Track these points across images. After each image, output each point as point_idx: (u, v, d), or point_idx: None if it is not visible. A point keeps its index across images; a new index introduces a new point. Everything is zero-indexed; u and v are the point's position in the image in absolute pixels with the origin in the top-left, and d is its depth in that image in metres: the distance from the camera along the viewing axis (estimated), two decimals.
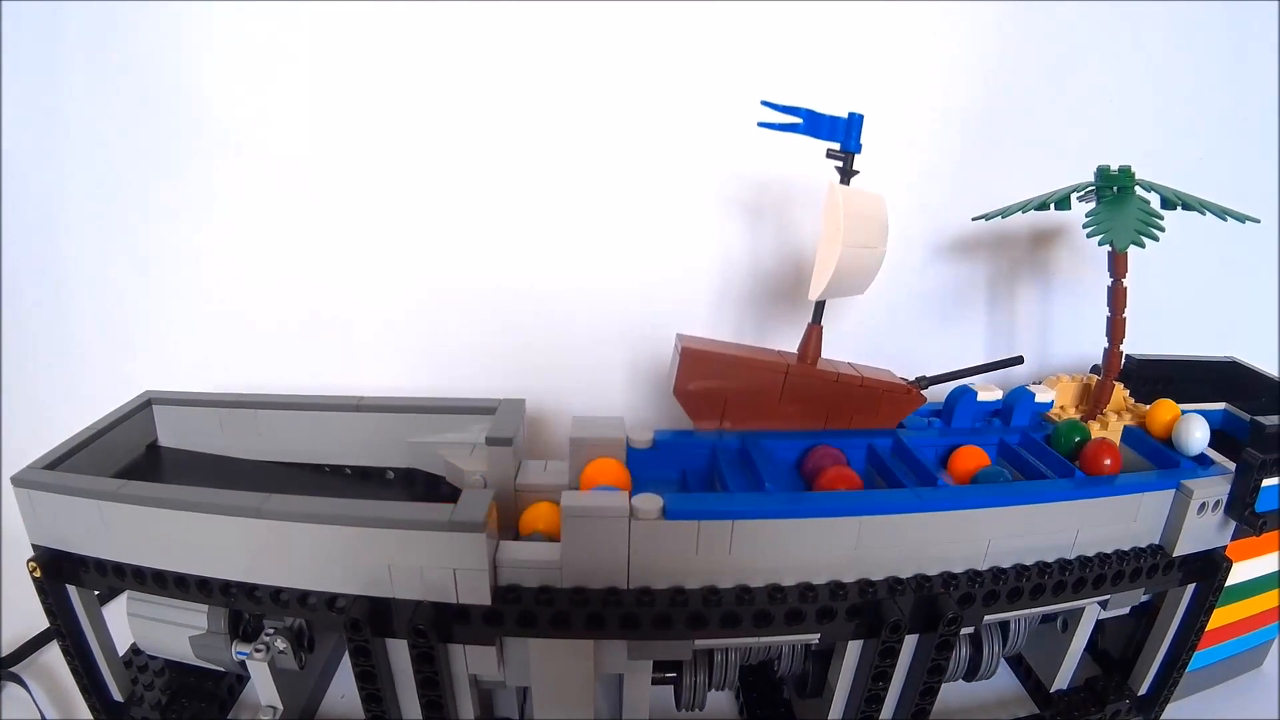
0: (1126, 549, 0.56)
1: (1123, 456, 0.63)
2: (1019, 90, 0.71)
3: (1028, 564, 0.53)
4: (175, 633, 0.54)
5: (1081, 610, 0.59)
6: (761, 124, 0.54)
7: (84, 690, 0.57)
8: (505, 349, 0.75)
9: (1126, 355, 0.71)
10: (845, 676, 0.52)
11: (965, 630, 0.57)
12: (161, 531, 0.49)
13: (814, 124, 0.54)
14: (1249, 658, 0.68)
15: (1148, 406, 0.65)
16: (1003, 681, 0.65)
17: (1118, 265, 0.59)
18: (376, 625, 0.48)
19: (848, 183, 0.56)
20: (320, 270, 0.73)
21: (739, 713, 0.62)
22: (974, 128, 0.72)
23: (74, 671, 0.56)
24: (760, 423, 0.59)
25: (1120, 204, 0.58)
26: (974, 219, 0.64)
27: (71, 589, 0.55)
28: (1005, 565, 0.53)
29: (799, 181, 0.70)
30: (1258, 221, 0.58)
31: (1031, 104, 0.72)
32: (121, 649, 0.59)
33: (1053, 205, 0.61)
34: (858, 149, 0.55)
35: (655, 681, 0.53)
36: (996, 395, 0.64)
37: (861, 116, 0.55)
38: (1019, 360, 0.63)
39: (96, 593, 0.58)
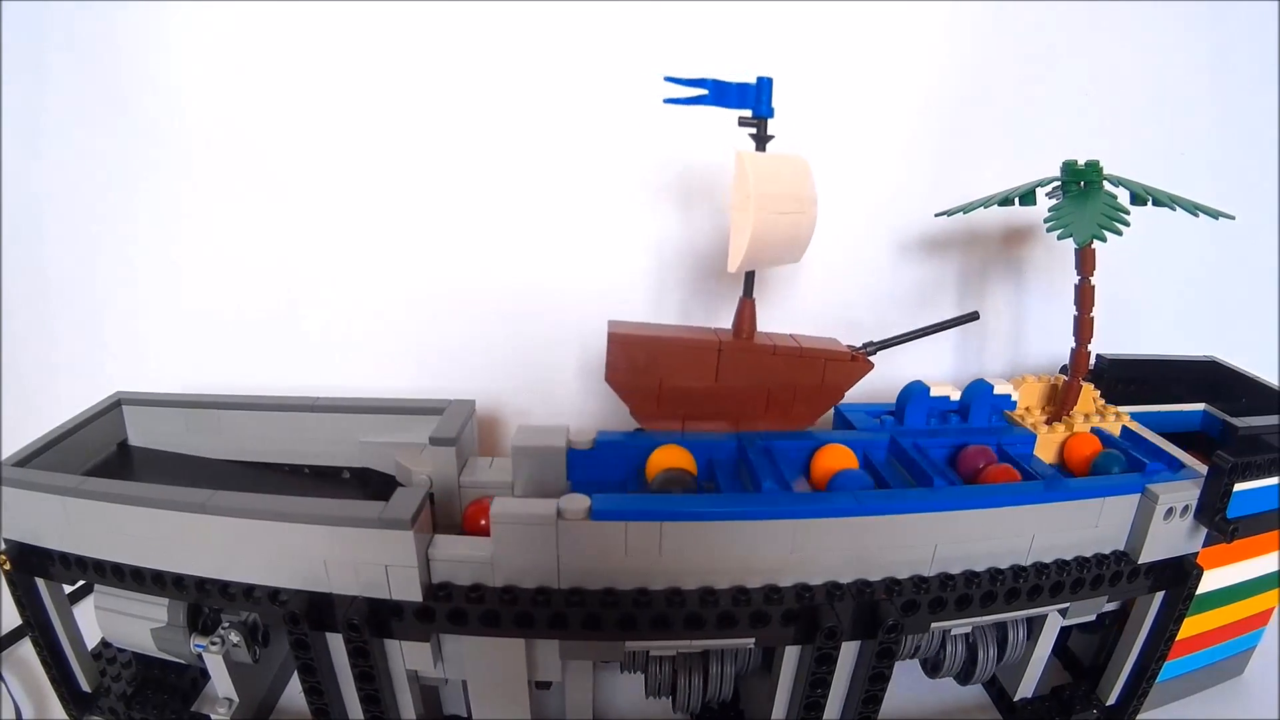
0: (1088, 555, 0.55)
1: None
2: (995, 87, 0.70)
3: (979, 570, 0.52)
4: (138, 625, 0.56)
5: (1045, 617, 0.58)
6: (667, 100, 0.52)
7: (53, 681, 0.59)
8: (480, 349, 0.76)
9: (1098, 355, 0.69)
10: (785, 682, 0.52)
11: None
12: (119, 526, 0.51)
13: (720, 93, 0.52)
14: (1228, 666, 0.66)
15: (1118, 408, 0.63)
16: (967, 688, 0.64)
17: (1085, 262, 0.58)
18: (316, 619, 0.49)
19: (763, 149, 0.54)
20: (304, 271, 0.74)
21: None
22: (948, 124, 0.70)
23: (43, 662, 0.58)
24: (698, 405, 0.58)
25: (1085, 199, 0.56)
26: (937, 215, 0.63)
27: (40, 582, 0.57)
28: (955, 571, 0.52)
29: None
30: (1231, 218, 0.56)
31: (1008, 102, 0.70)
32: (94, 644, 0.61)
33: (1017, 200, 0.59)
34: (770, 113, 0.53)
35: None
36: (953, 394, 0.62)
37: (771, 80, 0.52)
38: (974, 316, 0.61)
39: (69, 590, 0.60)
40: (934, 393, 0.60)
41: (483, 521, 0.51)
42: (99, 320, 0.75)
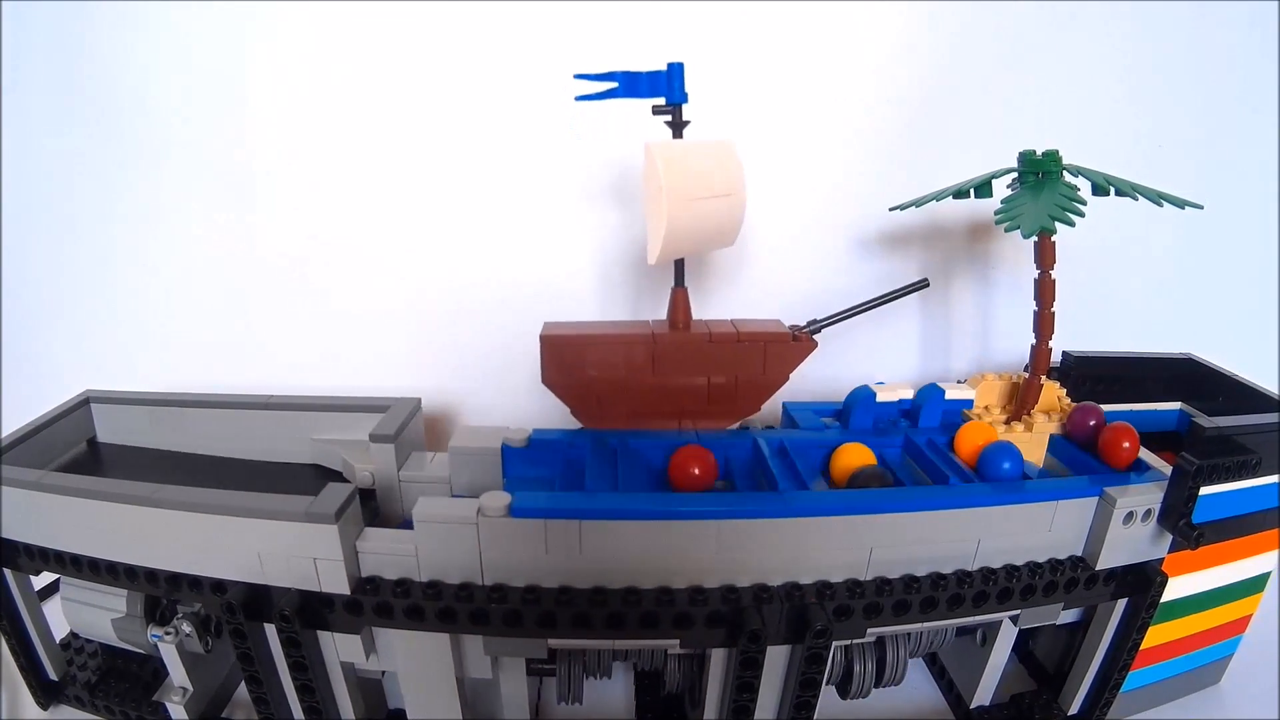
0: (1041, 561, 0.53)
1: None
2: (962, 82, 0.68)
3: (919, 575, 0.51)
4: (100, 616, 0.58)
5: (1000, 623, 0.56)
6: (579, 97, 0.51)
7: (21, 669, 0.61)
8: (446, 347, 0.76)
9: (1064, 352, 0.67)
10: (714, 686, 0.51)
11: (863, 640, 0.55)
12: (76, 518, 0.53)
13: (631, 84, 0.51)
14: (1204, 674, 0.63)
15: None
16: (924, 694, 0.62)
17: (1043, 255, 0.56)
18: (253, 610, 0.50)
19: (680, 135, 0.53)
20: (289, 273, 0.76)
21: (634, 713, 0.61)
22: (910, 118, 0.69)
23: (12, 651, 0.60)
24: (640, 402, 0.57)
25: (1041, 190, 0.54)
26: (891, 209, 0.62)
27: (9, 573, 0.59)
28: (893, 575, 0.50)
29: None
30: (1199, 207, 0.53)
31: (974, 96, 0.69)
32: (63, 636, 0.64)
33: (973, 192, 0.58)
34: (684, 99, 0.52)
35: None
36: (907, 395, 0.61)
37: (682, 65, 0.51)
38: (924, 284, 0.59)
39: (41, 585, 0.62)
40: (881, 398, 0.59)
41: (696, 470, 0.52)
42: (71, 318, 0.77)
